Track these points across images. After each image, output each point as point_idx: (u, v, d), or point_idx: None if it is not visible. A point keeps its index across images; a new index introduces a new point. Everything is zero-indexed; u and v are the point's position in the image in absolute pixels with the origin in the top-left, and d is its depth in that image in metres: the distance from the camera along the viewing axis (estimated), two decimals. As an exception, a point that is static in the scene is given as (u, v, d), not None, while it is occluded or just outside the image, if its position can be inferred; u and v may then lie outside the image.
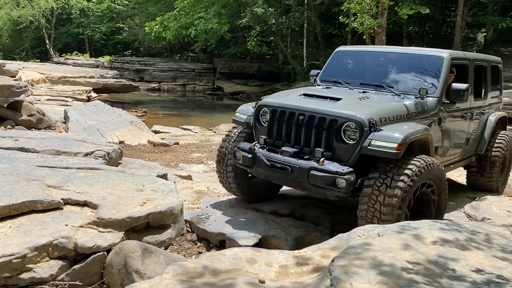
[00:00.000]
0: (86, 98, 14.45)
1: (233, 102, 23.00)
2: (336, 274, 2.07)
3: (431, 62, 4.73)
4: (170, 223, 3.37)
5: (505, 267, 2.16)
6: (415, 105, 4.29)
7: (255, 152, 4.13)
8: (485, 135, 5.55)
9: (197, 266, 2.38)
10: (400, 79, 4.75)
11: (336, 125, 3.85)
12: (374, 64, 5.09)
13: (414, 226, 2.64)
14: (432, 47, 6.66)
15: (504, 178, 6.00)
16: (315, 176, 3.73)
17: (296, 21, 23.39)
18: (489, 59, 5.79)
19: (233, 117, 4.76)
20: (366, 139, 3.72)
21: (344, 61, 5.43)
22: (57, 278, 2.74)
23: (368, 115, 3.80)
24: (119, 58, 30.71)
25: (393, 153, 3.62)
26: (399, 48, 5.43)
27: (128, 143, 8.79)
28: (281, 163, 3.96)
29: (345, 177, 3.64)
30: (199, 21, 22.57)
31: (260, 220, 4.48)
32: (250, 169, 4.27)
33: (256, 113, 4.45)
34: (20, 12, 33.13)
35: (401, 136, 3.66)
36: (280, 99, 4.46)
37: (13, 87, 8.48)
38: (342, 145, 3.84)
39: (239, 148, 4.31)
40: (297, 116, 4.08)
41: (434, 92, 4.51)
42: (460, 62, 5.01)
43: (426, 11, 17.70)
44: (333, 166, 3.72)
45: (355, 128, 3.77)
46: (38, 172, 3.88)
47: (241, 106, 4.86)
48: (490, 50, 20.79)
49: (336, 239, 2.66)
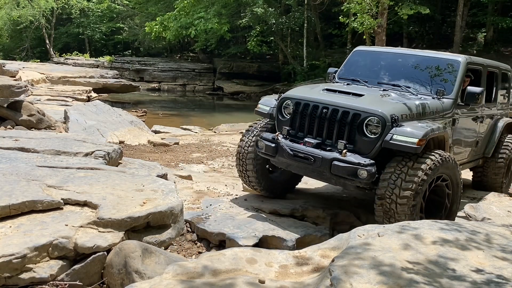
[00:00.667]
0: (86, 98, 14.45)
1: (233, 102, 23.01)
2: (336, 274, 2.07)
3: (448, 66, 4.91)
4: (170, 223, 3.37)
5: (505, 267, 2.16)
6: (432, 104, 4.46)
7: (278, 142, 4.28)
8: (493, 139, 5.77)
9: (197, 266, 2.38)
10: (416, 80, 4.92)
11: (359, 119, 3.99)
12: (392, 65, 5.27)
13: (414, 226, 2.64)
14: (432, 47, 6.73)
15: (508, 181, 6.22)
16: (338, 167, 3.89)
17: (296, 21, 23.40)
18: (500, 67, 6.02)
19: (256, 109, 4.92)
20: (388, 134, 3.88)
21: (362, 60, 5.61)
22: (57, 278, 2.73)
23: (391, 111, 3.96)
24: (119, 58, 30.70)
25: (413, 148, 3.77)
26: (417, 50, 5.60)
27: (128, 143, 8.79)
28: (304, 153, 4.11)
29: (367, 168, 3.79)
30: (199, 21, 22.58)
31: (260, 220, 4.47)
32: (273, 158, 4.42)
33: (279, 105, 4.59)
34: (20, 12, 33.12)
35: (422, 132, 3.83)
36: (304, 93, 4.60)
37: (13, 87, 8.47)
38: (364, 139, 3.98)
39: (262, 137, 4.46)
40: (320, 109, 4.22)
41: (450, 93, 4.68)
42: (475, 67, 5.21)
43: (426, 11, 17.70)
44: (355, 158, 3.88)
45: (378, 122, 3.93)
46: (38, 172, 3.88)
47: (263, 98, 5.06)
48: (490, 50, 20.80)
49: (336, 239, 2.66)
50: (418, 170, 3.78)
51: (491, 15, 20.69)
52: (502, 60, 6.52)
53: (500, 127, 5.87)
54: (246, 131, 4.97)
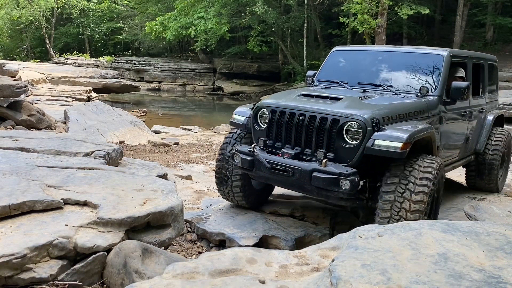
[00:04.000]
0: (86, 98, 14.46)
1: (233, 102, 23.01)
2: (336, 274, 2.07)
3: (430, 61, 4.67)
4: (170, 223, 3.36)
5: (505, 267, 2.16)
6: (416, 103, 4.26)
7: (255, 155, 4.02)
8: (484, 134, 5.54)
9: (197, 266, 2.38)
10: (399, 78, 4.70)
11: (338, 125, 3.76)
12: (372, 64, 5.02)
13: (414, 226, 2.64)
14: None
15: (504, 174, 5.96)
16: (318, 178, 3.65)
17: (296, 21, 23.39)
18: (486, 57, 5.80)
19: (230, 119, 4.66)
20: (369, 139, 3.65)
21: (341, 61, 5.37)
22: (57, 278, 2.73)
23: (371, 114, 3.74)
24: (119, 58, 30.73)
25: (397, 153, 3.56)
26: (397, 47, 5.39)
27: (128, 143, 8.79)
28: (282, 165, 3.85)
29: (349, 179, 3.56)
30: (199, 21, 22.59)
31: (260, 220, 4.48)
32: (250, 172, 4.18)
33: (254, 115, 4.35)
34: (20, 12, 33.14)
35: (406, 135, 3.60)
36: (279, 100, 4.36)
37: (13, 87, 8.48)
38: (344, 146, 3.76)
39: (238, 150, 4.20)
40: (297, 116, 3.98)
41: (435, 90, 4.47)
42: (459, 60, 4.97)
43: (426, 11, 17.72)
44: (336, 167, 3.64)
45: (358, 127, 3.70)
46: (38, 172, 3.88)
47: (239, 107, 4.73)
48: (490, 50, 20.80)
49: (336, 239, 2.66)
50: (425, 179, 3.60)
51: (491, 15, 20.69)
52: (503, 60, 6.47)
53: (490, 120, 5.62)
54: (223, 144, 4.67)
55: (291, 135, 4.03)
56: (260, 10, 21.20)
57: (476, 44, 21.28)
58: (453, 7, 22.65)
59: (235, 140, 4.59)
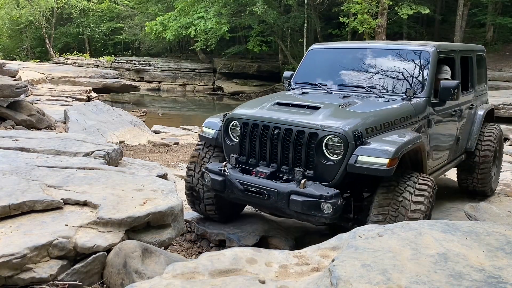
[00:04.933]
0: (86, 98, 14.45)
1: (233, 102, 23.01)
2: (336, 274, 2.07)
3: (416, 58, 4.30)
4: (170, 223, 3.36)
5: (505, 267, 2.16)
6: (403, 109, 3.88)
7: (226, 174, 3.61)
8: (475, 131, 5.20)
9: (197, 266, 2.38)
10: (382, 79, 4.31)
11: (317, 139, 3.36)
12: (353, 62, 4.61)
13: (414, 226, 2.64)
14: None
15: (496, 173, 5.69)
16: (296, 202, 3.25)
17: (296, 21, 23.40)
18: (474, 49, 5.48)
19: (200, 133, 4.26)
20: (352, 155, 3.27)
21: (319, 60, 4.94)
22: (57, 278, 2.73)
23: (353, 126, 3.35)
24: (119, 58, 30.72)
25: (384, 170, 3.17)
26: (379, 42, 5.02)
27: (128, 143, 8.80)
28: (257, 187, 3.44)
29: (332, 202, 3.17)
30: (199, 21, 22.60)
31: (260, 220, 4.48)
32: (222, 193, 3.78)
33: (225, 128, 3.92)
34: (20, 12, 33.15)
35: (393, 150, 3.22)
36: (251, 110, 3.89)
37: (13, 87, 8.49)
38: (325, 162, 3.36)
39: (208, 169, 3.78)
40: (271, 129, 3.54)
41: (422, 92, 4.10)
42: (447, 55, 4.61)
43: (426, 11, 17.73)
44: (316, 189, 3.25)
45: (339, 142, 3.31)
46: (38, 172, 3.88)
47: (208, 118, 4.28)
48: (490, 50, 20.79)
49: (336, 239, 2.66)
50: (421, 197, 3.28)
51: (491, 15, 20.70)
52: (503, 60, 6.39)
53: (481, 116, 5.26)
54: (190, 163, 4.25)
55: (265, 151, 3.61)
56: (260, 10, 21.21)
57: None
58: (453, 7, 22.66)
59: (205, 156, 4.19)
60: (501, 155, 5.83)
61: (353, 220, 3.53)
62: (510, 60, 18.65)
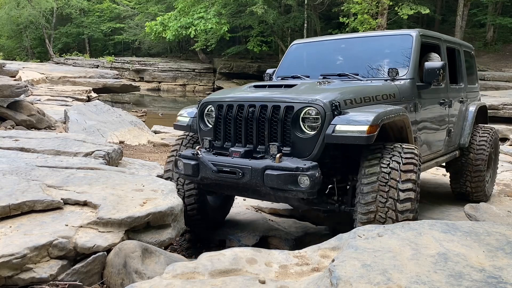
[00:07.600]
0: (86, 98, 14.47)
1: (233, 102, 22.98)
2: (336, 274, 2.07)
3: (399, 42, 4.27)
4: (170, 223, 3.36)
5: (505, 267, 2.16)
6: (385, 86, 3.78)
7: (199, 157, 3.44)
8: (467, 127, 5.13)
9: (197, 266, 2.38)
10: (366, 66, 4.23)
11: (293, 113, 3.23)
12: (335, 53, 4.59)
13: (414, 226, 2.64)
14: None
15: (492, 176, 5.57)
16: (272, 176, 3.09)
17: (296, 21, 23.42)
18: (461, 43, 5.48)
19: (174, 123, 4.14)
20: (329, 125, 3.13)
21: (301, 55, 4.92)
22: (57, 278, 2.73)
23: (330, 97, 3.22)
24: (119, 58, 30.76)
25: (363, 138, 3.02)
26: (362, 33, 5.05)
27: (128, 143, 8.80)
28: (230, 166, 3.28)
29: (309, 173, 3.00)
30: (199, 21, 22.62)
31: (260, 220, 4.48)
32: (195, 178, 3.56)
33: (200, 113, 3.82)
34: (20, 12, 33.16)
35: (372, 117, 3.07)
36: (226, 93, 3.84)
37: (13, 87, 8.49)
38: (302, 137, 3.22)
39: (181, 156, 3.65)
40: (246, 108, 3.41)
41: (406, 73, 4.01)
42: (430, 41, 4.53)
43: (426, 11, 17.74)
44: (292, 162, 3.10)
45: (316, 114, 3.18)
46: (38, 172, 3.88)
47: (184, 108, 4.21)
48: (490, 50, 20.81)
49: (336, 239, 2.66)
50: (410, 164, 3.11)
51: (491, 15, 20.71)
52: (503, 60, 6.38)
53: (473, 111, 5.22)
54: (167, 163, 4.13)
55: (241, 132, 3.48)
56: (260, 10, 21.23)
57: (476, 44, 21.27)
58: (453, 7, 22.66)
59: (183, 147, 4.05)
60: (497, 159, 5.73)
61: (339, 202, 3.42)
62: (510, 60, 18.65)
